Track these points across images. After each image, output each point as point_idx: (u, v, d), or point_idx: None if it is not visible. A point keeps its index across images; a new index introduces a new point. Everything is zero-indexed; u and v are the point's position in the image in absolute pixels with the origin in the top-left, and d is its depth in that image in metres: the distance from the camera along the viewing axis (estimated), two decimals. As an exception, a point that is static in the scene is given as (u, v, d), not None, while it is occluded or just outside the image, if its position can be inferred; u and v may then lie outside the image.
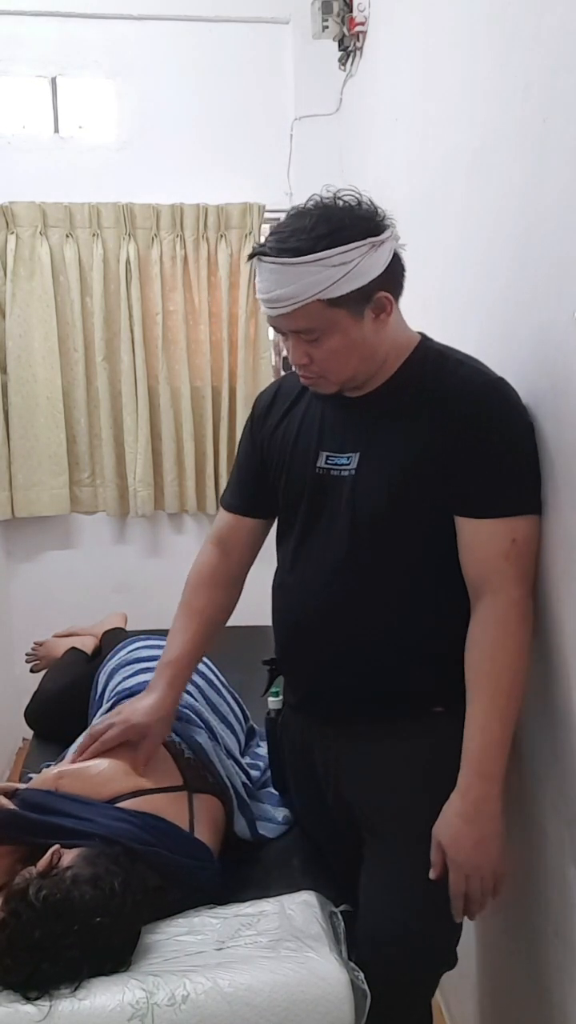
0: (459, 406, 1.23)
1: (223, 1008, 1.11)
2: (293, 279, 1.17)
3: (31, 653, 2.51)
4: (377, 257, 1.19)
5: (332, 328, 1.22)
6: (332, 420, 1.35)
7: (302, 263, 1.16)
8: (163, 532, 3.31)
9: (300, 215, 1.21)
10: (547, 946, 1.32)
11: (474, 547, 1.24)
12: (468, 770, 1.22)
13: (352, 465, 1.30)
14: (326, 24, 2.58)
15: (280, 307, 1.20)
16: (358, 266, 1.17)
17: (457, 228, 1.69)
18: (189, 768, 1.55)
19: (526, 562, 1.24)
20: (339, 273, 1.16)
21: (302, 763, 1.48)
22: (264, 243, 1.21)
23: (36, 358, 3.01)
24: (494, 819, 1.22)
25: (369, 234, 1.18)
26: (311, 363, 1.26)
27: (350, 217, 1.19)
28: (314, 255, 1.16)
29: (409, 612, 1.30)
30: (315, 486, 1.34)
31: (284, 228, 1.20)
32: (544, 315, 1.23)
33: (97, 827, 1.33)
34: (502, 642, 1.22)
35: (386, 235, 1.21)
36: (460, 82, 1.65)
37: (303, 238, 1.17)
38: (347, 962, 1.20)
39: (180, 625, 1.55)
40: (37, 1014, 1.09)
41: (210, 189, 3.01)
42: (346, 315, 1.21)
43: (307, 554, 1.36)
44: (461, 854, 1.21)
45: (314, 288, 1.17)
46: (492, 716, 1.21)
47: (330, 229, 1.17)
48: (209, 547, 1.58)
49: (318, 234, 1.16)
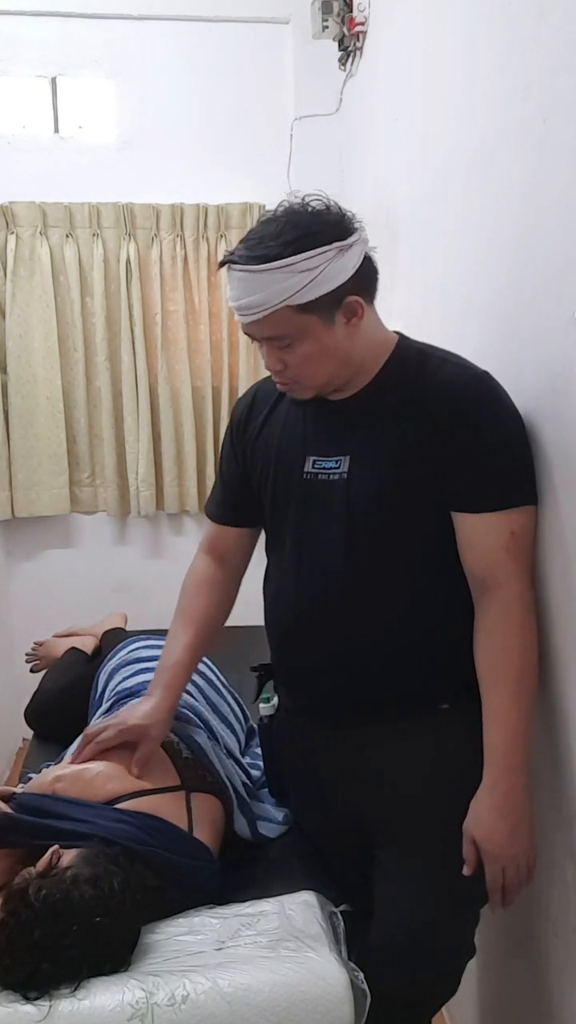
0: (446, 403, 1.23)
1: (223, 1008, 1.11)
2: (261, 286, 1.18)
3: (31, 653, 2.51)
4: (345, 261, 1.19)
5: (303, 334, 1.22)
6: (316, 424, 1.35)
7: (268, 270, 1.16)
8: (163, 532, 3.31)
9: (268, 221, 1.21)
10: (547, 946, 1.32)
11: (474, 542, 1.25)
12: (493, 764, 1.22)
13: (343, 468, 1.30)
14: (326, 24, 2.58)
15: (250, 314, 1.21)
16: (325, 271, 1.17)
17: (457, 228, 1.69)
18: (187, 768, 1.55)
19: (526, 553, 1.25)
20: (306, 279, 1.16)
21: (303, 768, 1.48)
22: (233, 249, 1.22)
23: (36, 358, 3.01)
24: (524, 808, 1.23)
25: (336, 239, 1.18)
26: (285, 369, 1.27)
27: (317, 222, 1.19)
28: (280, 261, 1.16)
29: (408, 611, 1.30)
30: (304, 491, 1.34)
31: (253, 235, 1.21)
32: (544, 315, 1.23)
33: (95, 828, 1.33)
34: (511, 634, 1.23)
35: (353, 239, 1.20)
36: (460, 82, 1.65)
37: (270, 245, 1.17)
38: (347, 962, 1.20)
39: (177, 629, 1.56)
40: (37, 1014, 1.09)
41: (210, 189, 3.01)
42: (317, 321, 1.21)
43: (301, 559, 1.35)
44: (496, 847, 1.22)
45: (282, 295, 1.17)
46: (510, 708, 1.22)
47: (297, 235, 1.17)
48: (201, 556, 1.59)
49: (285, 240, 1.17)
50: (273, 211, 1.23)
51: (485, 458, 1.22)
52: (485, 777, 1.23)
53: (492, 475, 1.23)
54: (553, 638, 1.24)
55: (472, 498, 1.24)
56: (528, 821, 1.24)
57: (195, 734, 1.64)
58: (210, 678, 1.94)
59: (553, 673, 1.25)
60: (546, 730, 1.28)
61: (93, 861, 1.25)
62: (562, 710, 1.23)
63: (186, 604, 1.57)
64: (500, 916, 1.47)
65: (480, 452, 1.22)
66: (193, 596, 1.57)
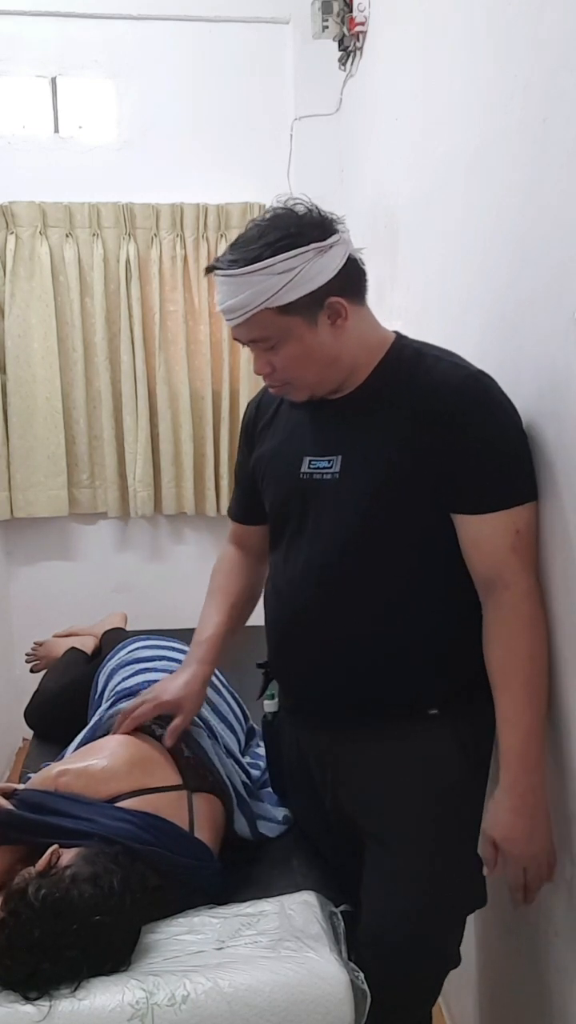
0: (441, 403, 1.22)
1: (223, 1008, 1.11)
2: (241, 289, 1.20)
3: (31, 653, 2.51)
4: (326, 262, 1.20)
5: (286, 336, 1.23)
6: (313, 424, 1.35)
7: (246, 273, 1.18)
8: (162, 533, 3.31)
9: (254, 226, 1.23)
10: (547, 946, 1.32)
11: (479, 543, 1.24)
12: (511, 765, 1.22)
13: (335, 468, 1.30)
14: (326, 24, 2.58)
15: (234, 317, 1.23)
16: (302, 272, 1.18)
17: (457, 228, 1.69)
18: (188, 767, 1.55)
19: (532, 550, 1.24)
20: (283, 280, 1.18)
21: (298, 767, 1.48)
22: (220, 256, 1.24)
23: (35, 358, 3.01)
24: (542, 807, 1.23)
25: (314, 240, 1.19)
26: (273, 371, 1.28)
27: (296, 224, 1.20)
28: (257, 264, 1.18)
29: (399, 614, 1.29)
30: (300, 491, 1.34)
31: (238, 240, 1.23)
32: (544, 315, 1.23)
33: (96, 827, 1.33)
34: (522, 634, 1.23)
35: (333, 240, 1.20)
36: (460, 82, 1.65)
37: (251, 248, 1.19)
38: (347, 962, 1.20)
39: (211, 608, 1.60)
40: (37, 1014, 1.09)
41: (210, 189, 3.01)
42: (300, 322, 1.22)
43: (296, 559, 1.35)
44: (517, 847, 1.22)
45: (261, 296, 1.19)
46: (524, 709, 1.22)
47: (275, 237, 1.18)
48: (228, 545, 1.66)
49: (264, 242, 1.19)
50: (261, 216, 1.25)
51: (483, 458, 1.21)
52: (502, 778, 1.23)
53: (492, 475, 1.22)
54: (555, 637, 1.24)
55: (473, 500, 1.23)
56: (546, 819, 1.24)
57: (195, 734, 1.64)
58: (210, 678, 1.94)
59: (555, 671, 1.24)
60: (547, 729, 1.28)
61: (93, 860, 1.25)
62: (563, 708, 1.23)
63: (218, 583, 1.63)
64: (500, 916, 1.47)
65: (477, 452, 1.21)
66: (225, 576, 1.63)
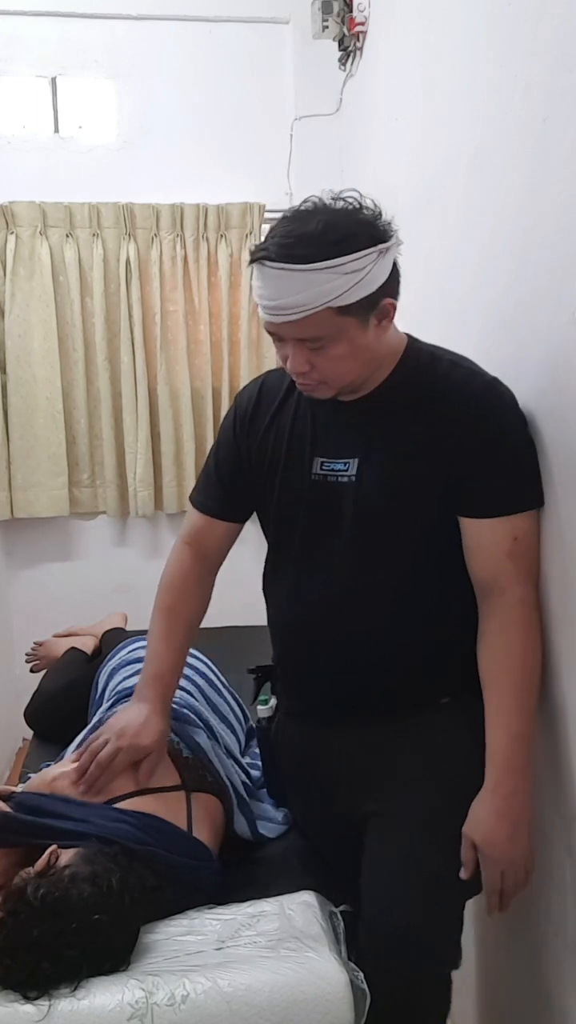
0: (458, 410, 1.23)
1: (223, 1008, 1.11)
2: (303, 286, 1.14)
3: (31, 653, 2.52)
4: (384, 264, 1.18)
5: (339, 336, 1.19)
6: (324, 424, 1.34)
7: (314, 270, 1.13)
8: (162, 533, 3.31)
9: (303, 219, 1.17)
10: (547, 946, 1.32)
11: (478, 547, 1.26)
12: (496, 767, 1.22)
13: (352, 471, 1.29)
14: (326, 24, 2.58)
15: (287, 315, 1.16)
16: (369, 273, 1.15)
17: (457, 228, 1.69)
18: (187, 768, 1.55)
19: (530, 557, 1.25)
20: (351, 281, 1.14)
21: (303, 770, 1.47)
22: (266, 246, 1.17)
23: (36, 358, 3.01)
24: (525, 811, 1.23)
25: (377, 240, 1.17)
26: (312, 370, 1.23)
27: (356, 223, 1.17)
28: (328, 262, 1.13)
29: (414, 609, 1.31)
30: (313, 493, 1.33)
31: (289, 233, 1.16)
32: (544, 315, 1.24)
33: (94, 828, 1.33)
34: (514, 639, 1.24)
35: (392, 241, 1.19)
36: (460, 82, 1.65)
37: (314, 244, 1.14)
38: (347, 962, 1.19)
39: (162, 631, 1.51)
40: (36, 1014, 1.09)
41: (210, 189, 3.01)
42: (355, 323, 1.19)
43: (309, 561, 1.35)
44: (496, 850, 1.21)
45: (326, 296, 1.14)
46: (513, 712, 1.22)
47: (341, 235, 1.14)
48: (182, 547, 1.53)
49: (329, 240, 1.14)
50: (300, 208, 1.20)
51: (493, 464, 1.23)
52: (487, 779, 1.23)
53: (499, 481, 1.23)
54: (553, 639, 1.24)
55: (477, 504, 1.25)
56: (527, 824, 1.23)
57: (195, 734, 1.64)
58: (210, 678, 1.94)
59: (553, 674, 1.25)
60: (546, 730, 1.28)
61: (91, 860, 1.25)
62: (562, 710, 1.23)
63: (171, 601, 1.52)
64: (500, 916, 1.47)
65: (488, 459, 1.23)
66: (179, 593, 1.52)
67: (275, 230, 1.19)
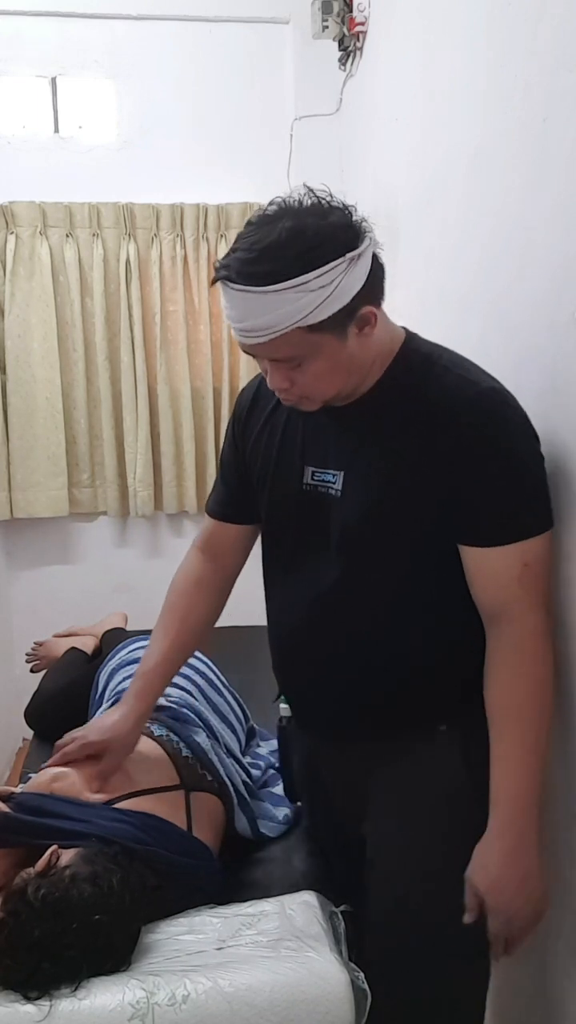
0: (446, 422, 1.11)
1: (223, 1008, 1.11)
2: (268, 308, 1.03)
3: (31, 653, 2.51)
4: (358, 271, 1.06)
5: (315, 353, 1.09)
6: (314, 431, 1.25)
7: (277, 291, 1.02)
8: (162, 533, 3.31)
9: (268, 225, 1.05)
10: (549, 948, 1.31)
11: (484, 576, 1.15)
12: (504, 809, 1.13)
13: (338, 484, 1.21)
14: (326, 24, 2.58)
15: (255, 336, 1.07)
16: (340, 286, 1.04)
17: (457, 228, 1.69)
18: (187, 767, 1.55)
19: (541, 583, 1.15)
20: (320, 297, 1.03)
21: (309, 773, 1.47)
22: (227, 263, 1.06)
23: (35, 358, 3.01)
24: (535, 852, 1.13)
25: (347, 247, 1.04)
26: (292, 386, 1.14)
27: (325, 228, 1.05)
28: (292, 281, 1.02)
29: (402, 634, 1.23)
30: (304, 502, 1.26)
31: (252, 246, 1.04)
32: (544, 315, 1.23)
33: (94, 828, 1.33)
34: (524, 672, 1.14)
35: (364, 245, 1.07)
36: (460, 82, 1.65)
37: (276, 260, 1.02)
38: (347, 962, 1.19)
39: (160, 632, 1.49)
40: (37, 1014, 1.09)
41: (210, 189, 3.01)
42: (331, 338, 1.09)
43: (298, 570, 1.29)
44: (504, 898, 1.12)
45: (293, 316, 1.04)
46: (520, 747, 1.13)
47: (306, 247, 1.02)
48: (195, 552, 1.51)
49: (293, 254, 1.02)
50: (265, 212, 1.09)
51: (492, 488, 1.12)
52: (492, 822, 1.14)
53: (501, 507, 1.12)
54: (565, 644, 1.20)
55: (483, 532, 1.14)
56: (539, 865, 1.13)
57: (195, 734, 1.64)
58: (210, 678, 1.94)
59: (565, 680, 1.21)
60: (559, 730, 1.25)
61: (92, 860, 1.25)
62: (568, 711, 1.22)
63: (172, 602, 1.49)
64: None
65: (486, 482, 1.11)
66: (181, 594, 1.49)
67: (239, 241, 1.08)
